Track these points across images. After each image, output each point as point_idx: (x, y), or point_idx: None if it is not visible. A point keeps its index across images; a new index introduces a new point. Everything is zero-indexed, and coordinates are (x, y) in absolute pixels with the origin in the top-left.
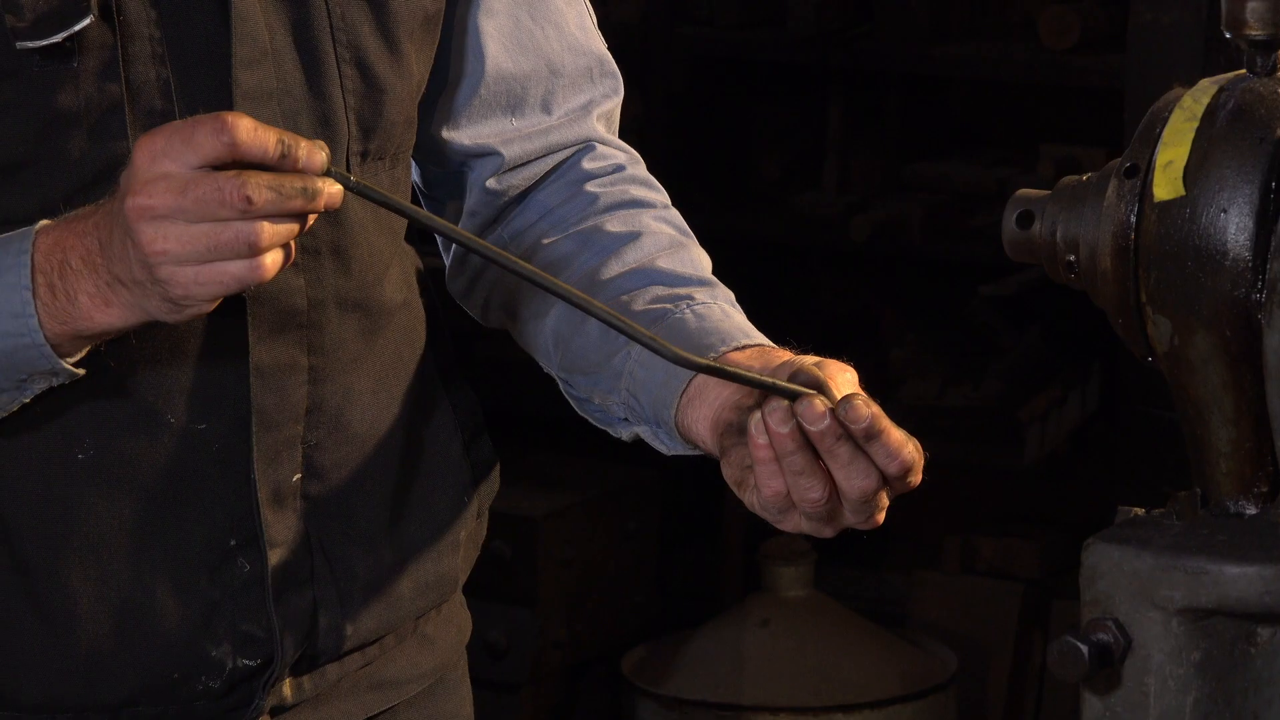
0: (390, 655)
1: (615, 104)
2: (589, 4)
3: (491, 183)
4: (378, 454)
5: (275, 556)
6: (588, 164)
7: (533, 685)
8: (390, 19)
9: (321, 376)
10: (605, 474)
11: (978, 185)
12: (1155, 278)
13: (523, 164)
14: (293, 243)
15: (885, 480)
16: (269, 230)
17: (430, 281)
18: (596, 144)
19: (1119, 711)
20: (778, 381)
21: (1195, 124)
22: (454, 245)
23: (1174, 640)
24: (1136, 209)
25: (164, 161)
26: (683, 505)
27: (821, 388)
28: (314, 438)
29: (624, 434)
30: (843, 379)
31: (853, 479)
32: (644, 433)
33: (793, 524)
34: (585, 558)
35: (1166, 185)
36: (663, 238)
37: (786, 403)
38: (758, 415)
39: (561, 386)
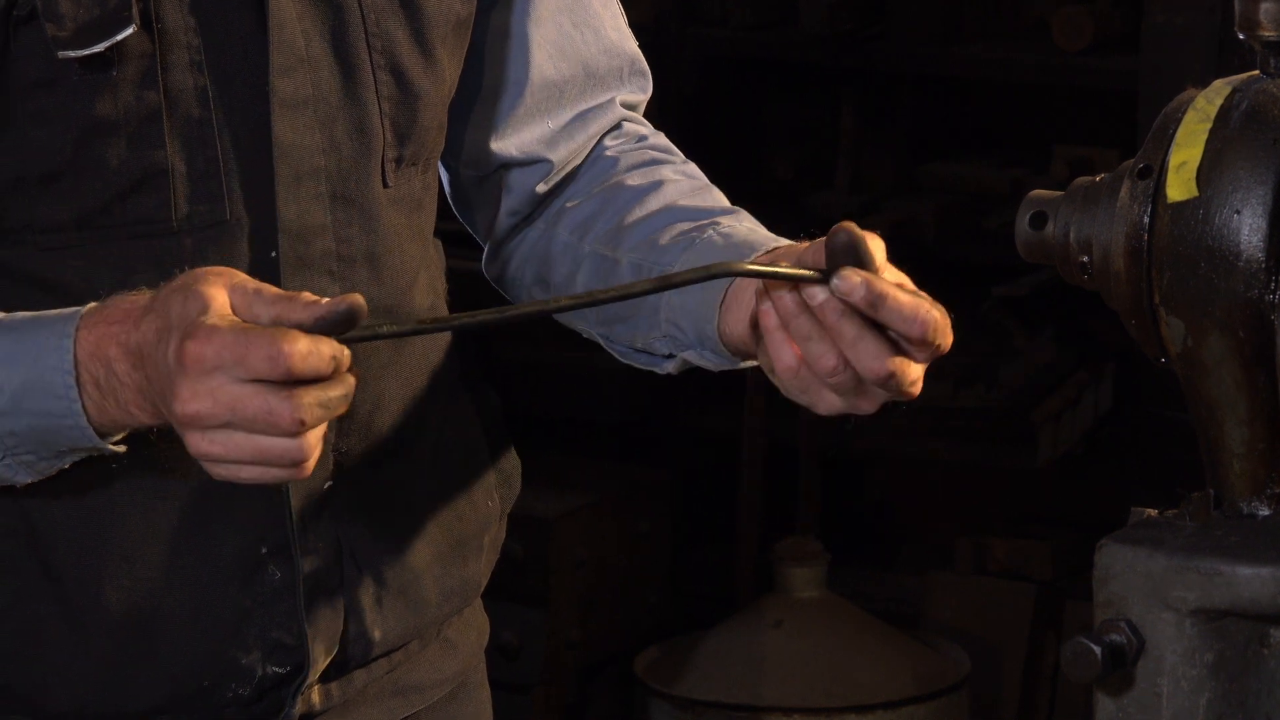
0: (414, 660)
1: (641, 99)
2: (619, 2)
3: (541, 187)
4: (406, 460)
5: (306, 564)
6: (610, 140)
7: (545, 686)
8: (424, 24)
9: None
10: (618, 475)
11: (991, 186)
12: (1168, 279)
13: (565, 165)
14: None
15: (907, 350)
16: (314, 439)
17: (455, 284)
18: (622, 123)
19: (1132, 713)
20: (810, 271)
21: (1209, 125)
22: (492, 232)
23: (1187, 641)
24: (1150, 210)
25: (216, 375)
26: (696, 506)
27: (857, 247)
28: (345, 445)
29: (670, 368)
30: (873, 244)
31: (862, 359)
32: (691, 357)
33: (826, 404)
34: (598, 558)
35: (1180, 186)
36: (684, 184)
37: (784, 264)
38: (761, 284)
39: (603, 344)
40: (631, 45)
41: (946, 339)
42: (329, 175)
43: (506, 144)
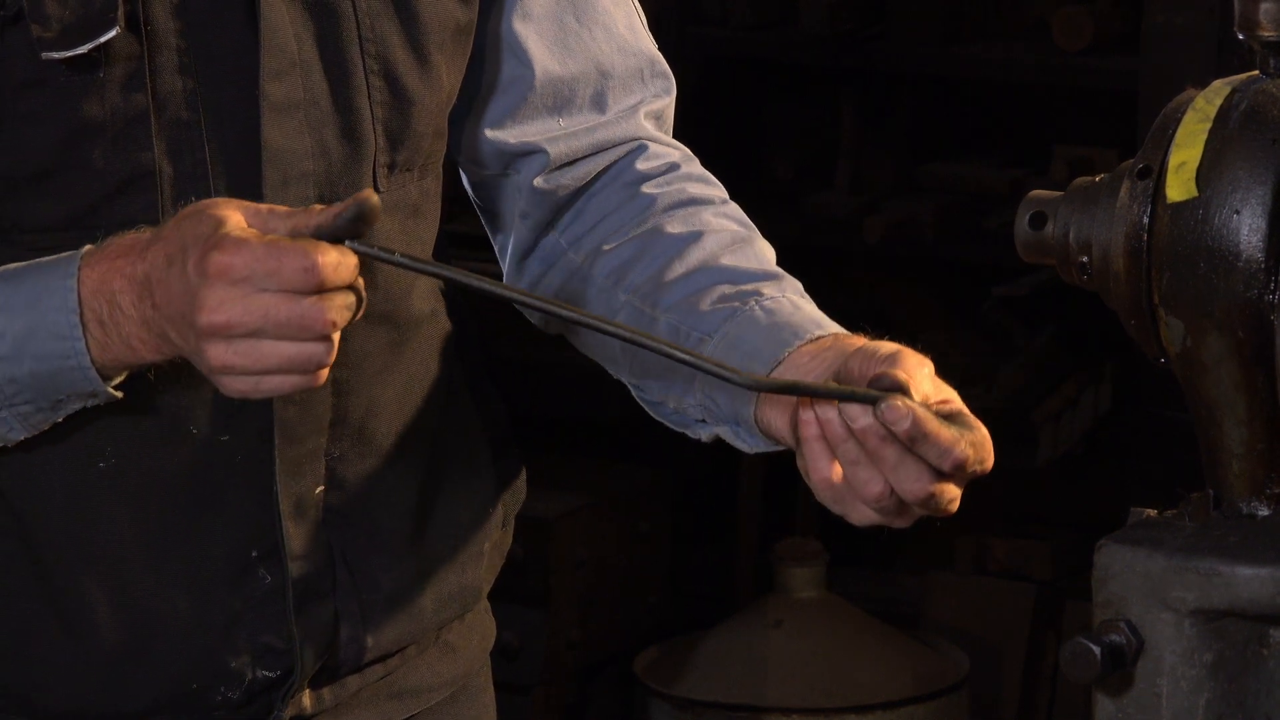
0: (412, 665)
1: (666, 103)
2: (638, 3)
3: (539, 182)
4: (402, 466)
5: (296, 568)
6: (641, 165)
7: (545, 686)
8: (420, 31)
9: (346, 389)
10: (618, 475)
11: (990, 186)
12: (1168, 279)
13: (570, 163)
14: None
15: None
16: (335, 344)
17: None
18: (648, 143)
19: (1131, 713)
20: (855, 390)
21: (1208, 125)
22: (510, 250)
23: (1186, 642)
24: (1149, 210)
25: (244, 285)
26: (695, 506)
27: (904, 391)
28: (338, 450)
29: (702, 435)
30: (919, 374)
31: (903, 482)
32: (724, 433)
33: (860, 515)
34: (598, 558)
35: (1179, 186)
36: (725, 235)
37: (833, 384)
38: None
39: (634, 392)
40: (649, 45)
41: (986, 463)
42: (317, 180)
43: (506, 134)
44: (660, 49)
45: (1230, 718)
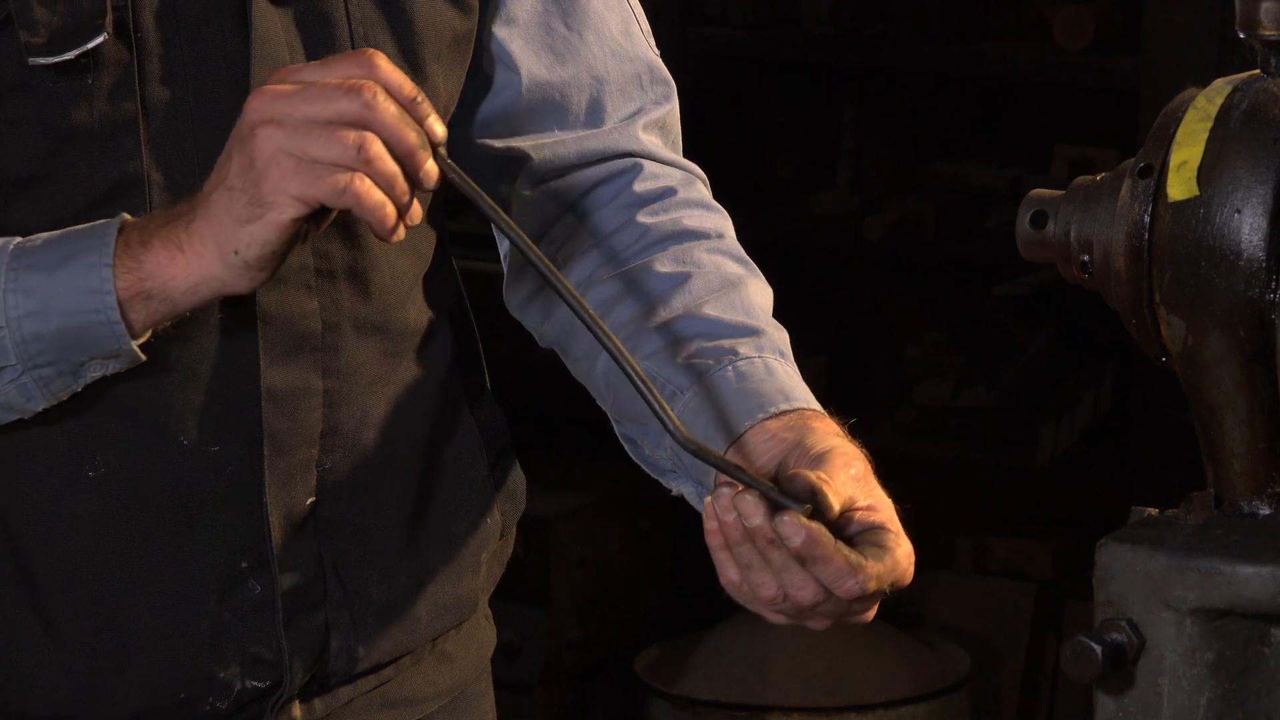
0: (406, 675)
1: (666, 111)
2: (638, 10)
3: (527, 192)
4: (396, 477)
5: (286, 579)
6: (639, 187)
7: (545, 686)
8: (415, 41)
9: (338, 400)
10: (618, 474)
11: (991, 185)
12: (1169, 278)
13: (557, 173)
14: (415, 207)
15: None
16: (377, 151)
17: (466, 297)
18: (645, 162)
19: (1132, 712)
20: (771, 490)
21: (1209, 124)
22: (507, 260)
23: (1187, 641)
24: (1150, 209)
25: (295, 74)
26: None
27: (815, 494)
28: (329, 461)
29: (673, 486)
30: (843, 476)
31: (788, 587)
32: (688, 493)
33: (773, 617)
34: (598, 558)
35: (1180, 185)
36: (714, 278)
37: (732, 491)
38: (709, 499)
39: (615, 427)
40: (647, 51)
41: (903, 581)
42: None
43: (495, 141)
44: (661, 48)
45: (1231, 717)
